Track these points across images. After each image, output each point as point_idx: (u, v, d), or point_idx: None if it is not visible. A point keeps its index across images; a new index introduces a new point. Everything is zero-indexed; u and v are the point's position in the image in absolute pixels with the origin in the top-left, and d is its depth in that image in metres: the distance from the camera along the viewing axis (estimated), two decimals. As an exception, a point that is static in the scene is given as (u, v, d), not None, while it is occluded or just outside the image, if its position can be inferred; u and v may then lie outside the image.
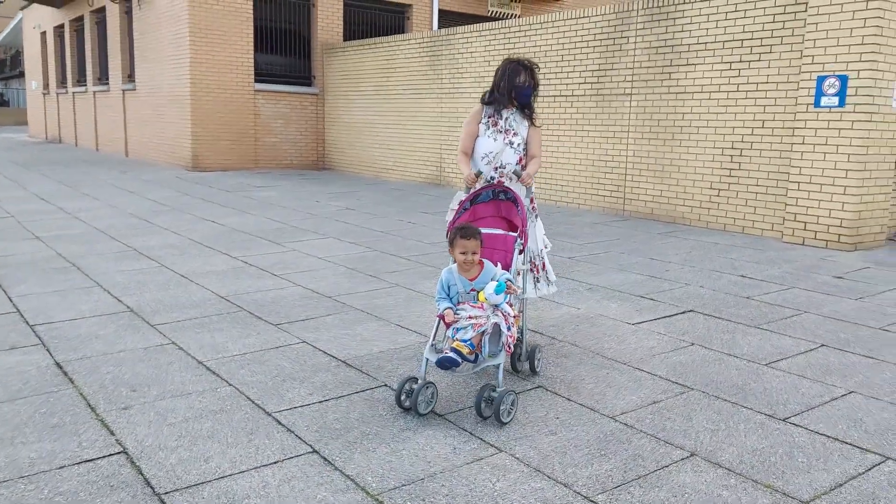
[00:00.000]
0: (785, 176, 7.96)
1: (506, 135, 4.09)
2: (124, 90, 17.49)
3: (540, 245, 4.27)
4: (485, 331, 3.25)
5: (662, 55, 9.09)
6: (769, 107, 8.06)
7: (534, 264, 4.27)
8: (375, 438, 3.06)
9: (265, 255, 6.79)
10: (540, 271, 4.29)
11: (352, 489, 2.65)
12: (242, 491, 2.61)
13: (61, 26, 22.32)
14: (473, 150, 4.16)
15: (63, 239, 7.43)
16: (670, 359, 4.13)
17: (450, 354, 3.16)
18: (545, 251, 4.33)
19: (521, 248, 3.76)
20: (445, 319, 3.33)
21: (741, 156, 8.37)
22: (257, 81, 14.87)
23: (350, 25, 15.93)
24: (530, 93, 4.09)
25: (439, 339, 3.47)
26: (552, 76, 10.58)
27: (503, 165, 4.08)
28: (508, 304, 3.39)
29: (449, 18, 17.05)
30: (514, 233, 3.79)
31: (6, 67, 44.29)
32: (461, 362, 3.18)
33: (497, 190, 3.87)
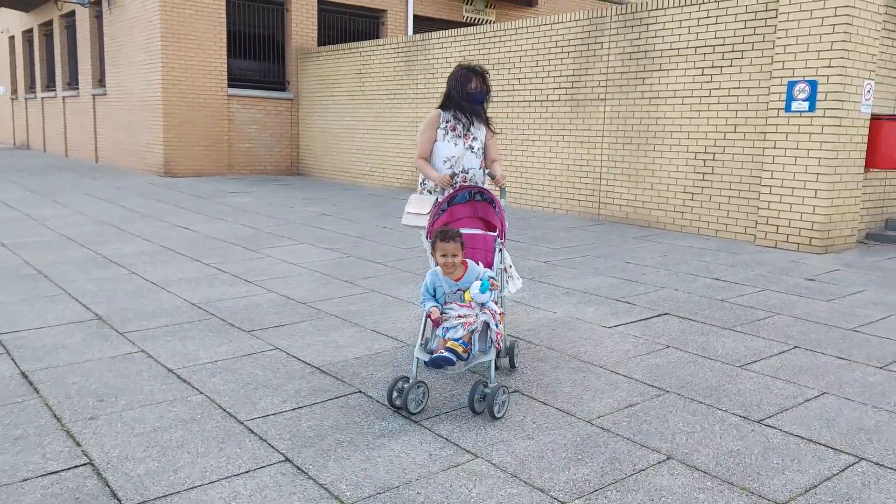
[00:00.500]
0: (757, 180, 8.05)
1: (465, 139, 4.19)
2: (94, 95, 17.24)
3: None
4: (475, 329, 3.33)
5: (636, 60, 9.15)
6: (741, 112, 8.15)
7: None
8: (350, 446, 3.01)
9: (239, 262, 6.70)
10: (508, 269, 4.33)
11: (325, 498, 2.60)
12: (213, 502, 2.55)
13: (30, 31, 21.96)
14: (432, 155, 4.22)
15: (30, 246, 7.27)
16: (646, 361, 4.13)
17: (445, 354, 3.22)
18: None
19: (501, 247, 3.82)
20: (432, 317, 3.38)
21: (714, 160, 8.45)
22: (231, 86, 14.73)
23: (325, 30, 15.87)
24: (483, 98, 4.19)
25: (428, 339, 3.50)
26: (527, 81, 10.62)
27: (466, 170, 4.15)
28: (494, 302, 3.45)
29: (424, 24, 17.06)
30: (492, 232, 3.85)
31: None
32: (456, 361, 3.24)
33: (473, 191, 3.90)
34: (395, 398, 3.35)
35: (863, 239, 8.34)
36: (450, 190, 4.07)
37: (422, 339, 3.43)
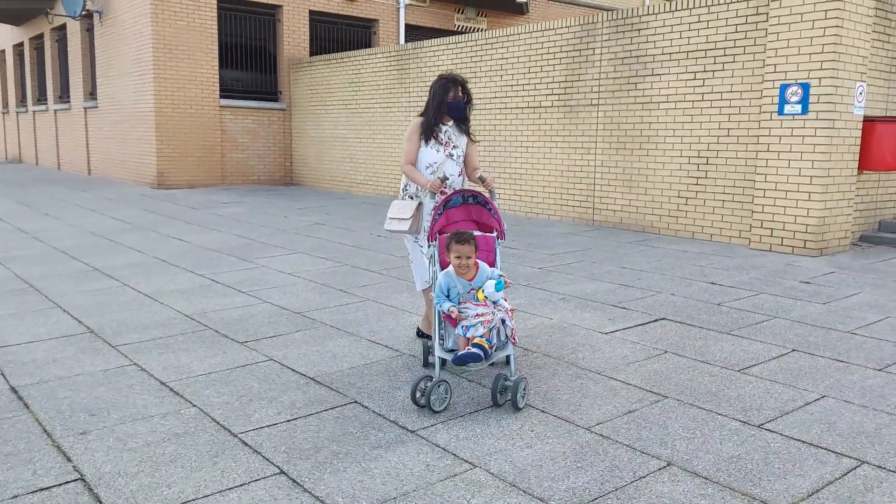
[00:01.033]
0: (751, 183, 8.05)
1: (446, 147, 4.33)
2: (86, 108, 17.19)
3: None
4: (494, 326, 3.49)
5: (628, 66, 9.16)
6: (734, 115, 8.16)
7: None
8: (346, 458, 2.97)
9: (233, 273, 6.65)
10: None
11: (322, 511, 2.55)
12: (207, 517, 2.51)
13: (21, 44, 21.91)
14: (416, 161, 4.35)
15: (21, 260, 7.21)
16: (644, 367, 4.10)
17: (474, 350, 3.38)
18: None
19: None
20: (452, 316, 3.52)
21: (707, 164, 8.45)
22: (223, 97, 14.70)
23: (316, 40, 15.86)
24: (463, 106, 4.31)
25: (443, 337, 3.66)
26: (519, 88, 10.62)
27: (446, 176, 4.26)
28: (504, 300, 3.60)
29: (415, 33, 17.08)
30: (489, 234, 3.99)
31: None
32: (483, 357, 3.39)
33: (467, 195, 4.01)
34: (419, 398, 3.44)
35: (857, 241, 8.34)
36: (440, 196, 4.09)
37: (439, 339, 3.57)
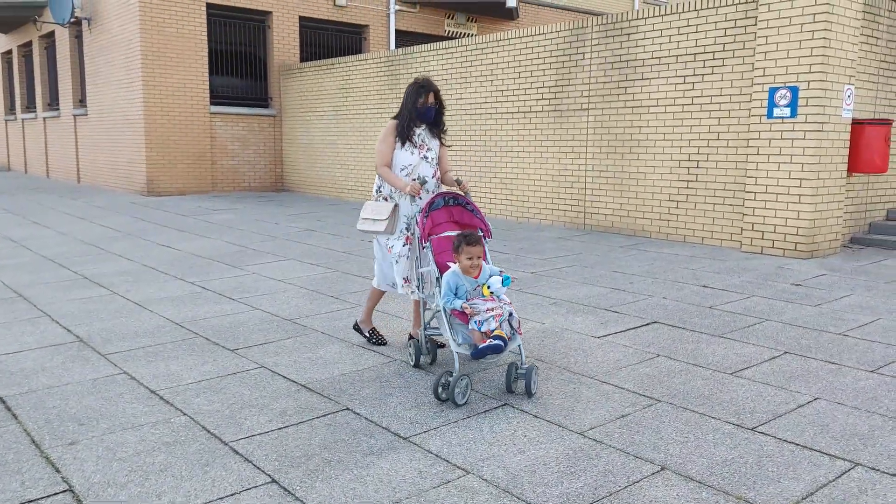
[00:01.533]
0: (741, 186, 8.07)
1: (420, 149, 4.42)
2: (75, 115, 17.10)
3: None
4: (504, 319, 3.68)
5: (618, 70, 9.19)
6: (723, 119, 8.19)
7: None
8: (338, 465, 2.94)
9: (223, 280, 6.62)
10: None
11: (313, 520, 2.53)
12: (197, 527, 2.48)
13: (9, 52, 21.80)
14: (391, 163, 4.43)
15: (9, 268, 7.15)
16: (637, 371, 4.09)
17: (496, 342, 3.56)
18: None
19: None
20: (467, 312, 3.70)
21: (698, 167, 8.47)
22: (213, 104, 14.66)
23: (306, 46, 15.84)
24: (432, 113, 4.42)
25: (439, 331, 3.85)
26: (509, 93, 10.63)
27: (420, 178, 4.39)
28: (503, 295, 3.82)
29: (406, 38, 17.09)
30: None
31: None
32: (503, 347, 3.58)
33: (448, 197, 4.17)
34: (441, 392, 3.60)
35: (847, 243, 8.38)
36: (420, 199, 4.31)
37: (451, 335, 3.72)
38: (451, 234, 4.06)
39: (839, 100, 7.51)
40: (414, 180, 4.36)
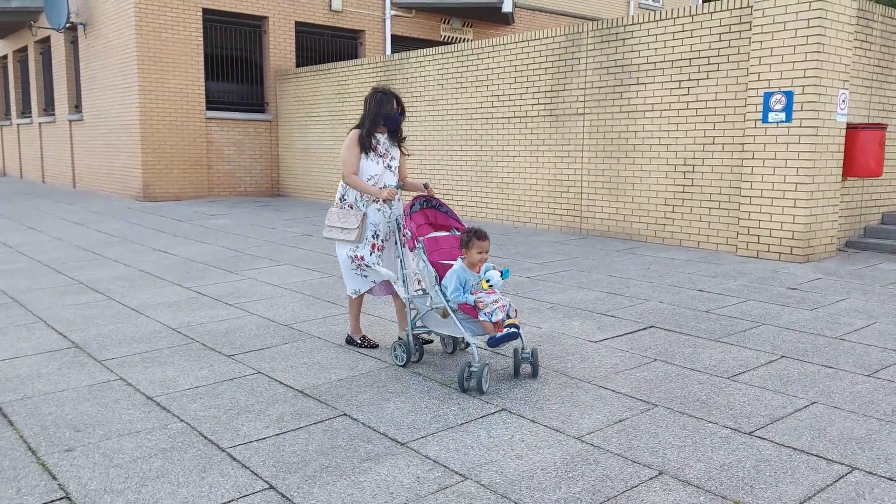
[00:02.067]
0: (737, 190, 8.09)
1: (384, 158, 4.53)
2: (71, 120, 17.07)
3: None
4: (508, 309, 3.94)
5: (613, 75, 9.21)
6: (718, 123, 8.21)
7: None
8: (335, 471, 2.93)
9: (219, 285, 6.60)
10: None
11: (311, 526, 2.52)
12: (194, 534, 2.47)
13: (4, 57, 21.75)
14: (358, 172, 4.51)
15: (5, 274, 7.13)
16: (634, 375, 4.10)
17: (513, 330, 3.86)
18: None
19: None
20: (479, 306, 3.92)
21: (693, 172, 8.50)
22: (209, 109, 14.65)
23: (302, 51, 15.85)
24: (399, 118, 4.53)
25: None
26: (505, 98, 10.65)
27: (400, 185, 4.53)
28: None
29: (402, 43, 17.11)
30: (446, 233, 4.40)
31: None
32: (519, 333, 3.89)
33: (421, 200, 4.37)
34: (466, 382, 3.81)
35: (842, 247, 8.41)
36: (388, 207, 4.46)
37: (462, 329, 3.90)
38: (437, 235, 4.31)
39: (833, 104, 7.54)
40: (401, 187, 4.51)
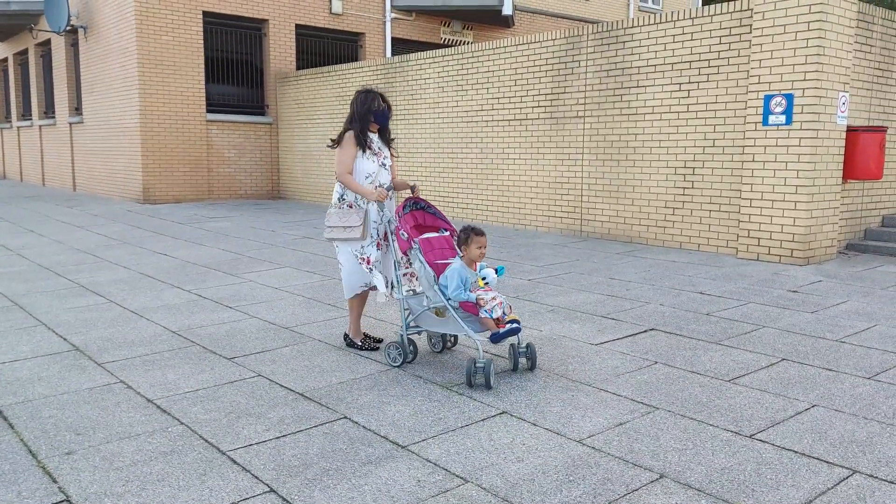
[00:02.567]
0: (737, 193, 8.10)
1: (378, 157, 4.61)
2: (71, 123, 17.08)
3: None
4: (505, 305, 4.06)
5: (613, 78, 9.22)
6: (719, 126, 8.21)
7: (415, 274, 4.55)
8: (336, 474, 2.93)
9: (220, 288, 6.60)
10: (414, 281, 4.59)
11: (312, 529, 2.52)
12: (195, 537, 2.46)
13: (4, 60, 21.78)
14: (354, 172, 4.54)
15: (5, 277, 7.13)
16: (635, 378, 4.09)
17: (515, 325, 3.96)
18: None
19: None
20: (480, 304, 4.00)
21: (694, 174, 8.50)
22: (209, 111, 14.66)
23: (303, 54, 15.86)
24: (387, 115, 4.64)
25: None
26: (506, 101, 10.66)
27: (382, 185, 4.55)
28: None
29: (402, 46, 17.12)
30: (435, 233, 4.44)
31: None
32: (520, 329, 4.00)
33: (411, 201, 4.43)
34: (473, 378, 3.90)
35: (843, 249, 8.41)
36: (385, 206, 4.42)
37: (465, 326, 3.96)
38: (429, 236, 4.36)
39: (834, 107, 7.54)
40: (377, 187, 4.51)
